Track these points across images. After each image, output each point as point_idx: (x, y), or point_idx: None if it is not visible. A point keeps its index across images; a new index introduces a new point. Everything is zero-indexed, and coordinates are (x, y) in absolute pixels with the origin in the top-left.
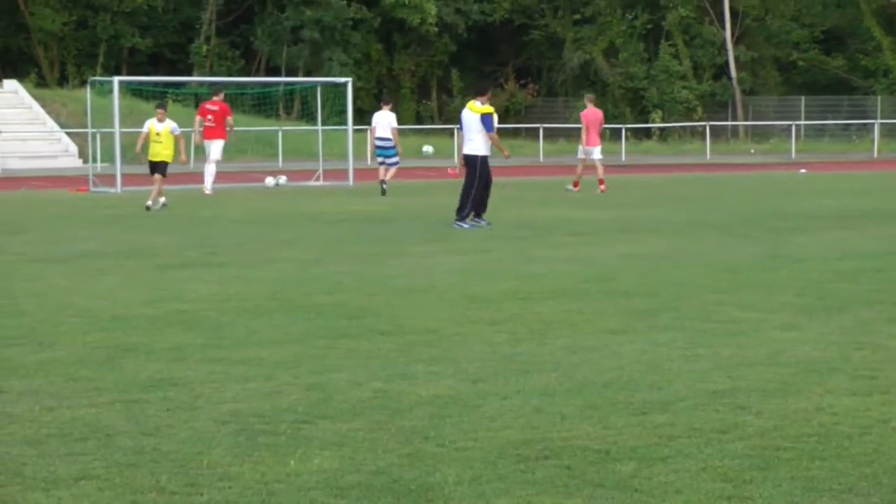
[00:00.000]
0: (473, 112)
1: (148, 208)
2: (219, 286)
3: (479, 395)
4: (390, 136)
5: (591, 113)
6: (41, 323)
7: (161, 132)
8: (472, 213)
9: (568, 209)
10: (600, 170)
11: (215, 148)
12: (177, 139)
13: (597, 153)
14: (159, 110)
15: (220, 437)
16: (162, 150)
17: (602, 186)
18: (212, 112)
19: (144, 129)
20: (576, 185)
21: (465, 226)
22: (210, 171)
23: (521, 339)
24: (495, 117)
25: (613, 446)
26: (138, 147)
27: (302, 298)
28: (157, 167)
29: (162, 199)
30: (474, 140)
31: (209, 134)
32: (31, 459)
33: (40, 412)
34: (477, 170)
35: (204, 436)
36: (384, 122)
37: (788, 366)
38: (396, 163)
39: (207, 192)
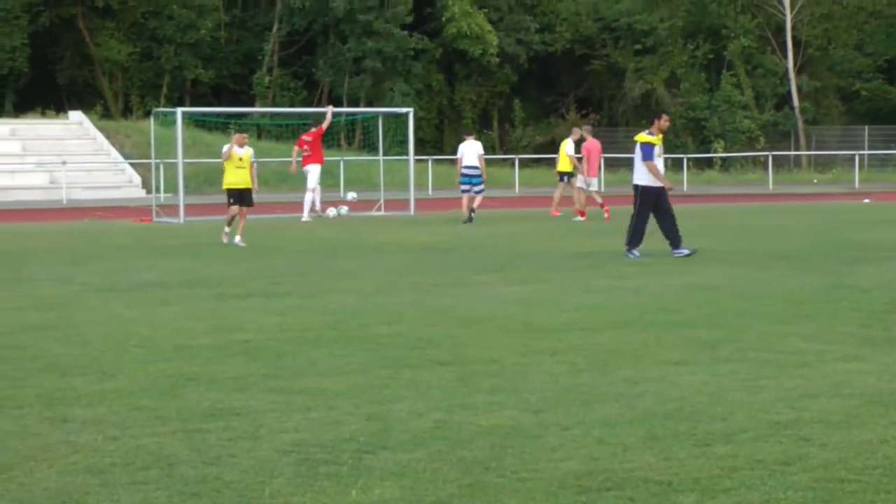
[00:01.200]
0: (637, 141)
1: (230, 242)
2: (281, 316)
3: (541, 425)
4: (478, 164)
5: (593, 144)
6: (105, 352)
7: (243, 157)
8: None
9: None
10: (583, 199)
11: (312, 175)
12: (252, 166)
13: (594, 184)
14: (241, 135)
15: (281, 466)
16: (245, 177)
17: (583, 217)
18: (307, 143)
19: (226, 151)
20: (581, 213)
21: (632, 255)
22: (308, 199)
23: (582, 370)
24: (658, 148)
25: (675, 478)
26: (227, 152)
27: (363, 329)
28: (243, 196)
29: (227, 235)
30: (638, 169)
31: (306, 162)
32: (95, 489)
33: (104, 441)
34: (638, 199)
35: (266, 465)
36: (471, 151)
37: (852, 397)
38: (482, 191)
39: (304, 219)
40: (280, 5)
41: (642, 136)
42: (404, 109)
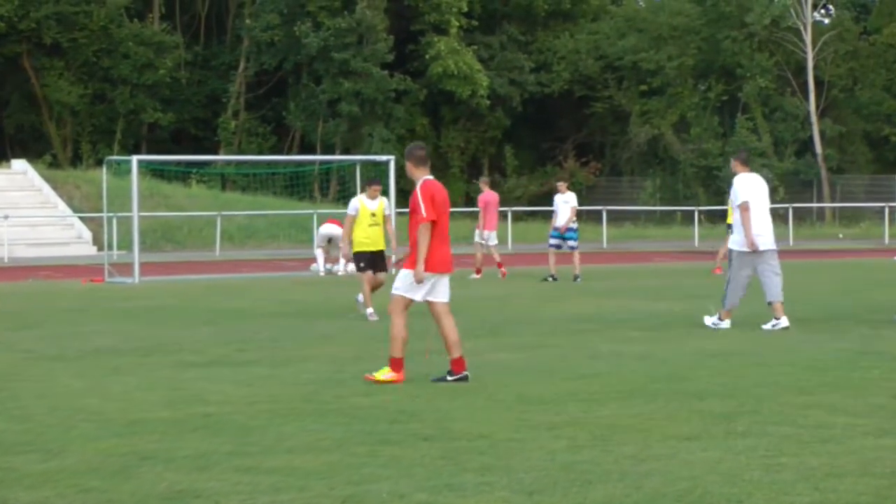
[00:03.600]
0: None
1: (368, 316)
2: (247, 387)
3: None
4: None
5: (490, 196)
6: (50, 428)
7: (376, 212)
8: None
9: (635, 300)
10: (497, 255)
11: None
12: (388, 219)
13: (493, 239)
14: (372, 186)
15: None
16: (379, 236)
17: (478, 275)
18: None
19: (352, 212)
20: (478, 271)
21: None
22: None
23: (582, 446)
24: None
25: None
26: (346, 244)
27: (339, 400)
28: (376, 261)
29: (369, 310)
30: None
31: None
32: None
33: None
34: None
35: None
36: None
37: (883, 476)
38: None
39: (341, 272)
40: (247, 42)
41: None
42: (384, 157)
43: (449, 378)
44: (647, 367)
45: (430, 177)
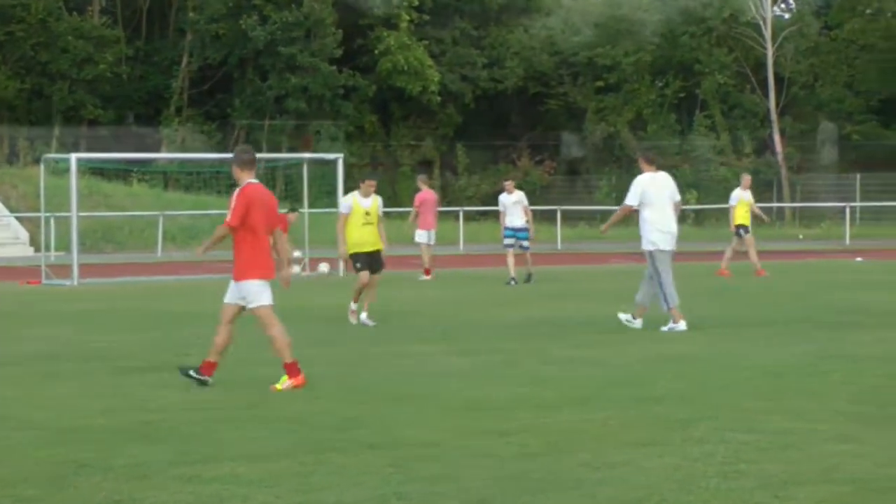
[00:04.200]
0: None
1: (363, 323)
2: (188, 393)
3: None
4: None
5: (428, 195)
6: None
7: (370, 210)
8: None
9: (590, 303)
10: (427, 256)
11: None
12: (380, 221)
13: (425, 237)
14: (367, 181)
15: None
16: (375, 235)
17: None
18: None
19: (345, 210)
20: (427, 272)
21: None
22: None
23: (534, 454)
24: None
25: None
26: (340, 243)
27: (283, 407)
28: (373, 260)
29: (363, 315)
30: None
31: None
32: None
33: None
34: None
35: None
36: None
37: (844, 483)
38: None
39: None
40: (191, 35)
41: None
42: (332, 155)
43: (192, 373)
44: (602, 371)
45: (255, 181)
